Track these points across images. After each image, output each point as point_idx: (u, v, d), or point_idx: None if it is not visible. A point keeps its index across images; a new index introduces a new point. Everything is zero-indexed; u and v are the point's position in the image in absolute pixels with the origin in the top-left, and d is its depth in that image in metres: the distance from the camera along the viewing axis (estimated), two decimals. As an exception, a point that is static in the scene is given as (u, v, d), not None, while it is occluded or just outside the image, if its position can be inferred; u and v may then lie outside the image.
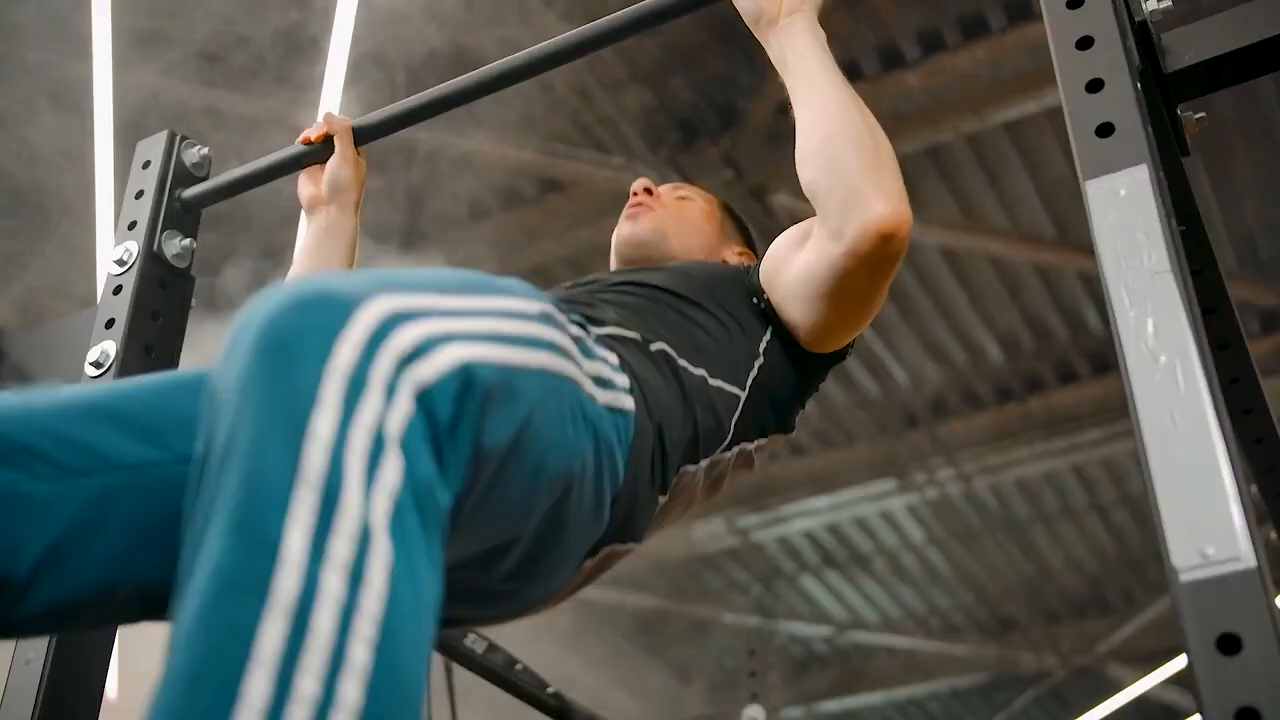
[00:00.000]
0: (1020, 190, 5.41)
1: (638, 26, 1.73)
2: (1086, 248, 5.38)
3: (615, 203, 5.58)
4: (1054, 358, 6.33)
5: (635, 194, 1.97)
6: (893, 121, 5.04)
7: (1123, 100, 1.16)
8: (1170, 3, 1.39)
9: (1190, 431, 0.98)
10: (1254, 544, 0.93)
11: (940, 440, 6.69)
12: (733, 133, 5.17)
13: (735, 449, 1.56)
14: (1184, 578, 0.93)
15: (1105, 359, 6.27)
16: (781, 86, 1.61)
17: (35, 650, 1.49)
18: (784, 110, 1.63)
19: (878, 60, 4.92)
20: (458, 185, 4.92)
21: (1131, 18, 1.32)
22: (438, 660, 2.92)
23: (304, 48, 4.10)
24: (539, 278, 5.76)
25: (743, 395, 1.55)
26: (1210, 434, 0.98)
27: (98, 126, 3.67)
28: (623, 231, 1.92)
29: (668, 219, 1.91)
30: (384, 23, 4.02)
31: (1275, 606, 0.92)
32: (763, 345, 1.60)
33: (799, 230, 1.63)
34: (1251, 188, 5.23)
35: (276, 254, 4.19)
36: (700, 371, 1.50)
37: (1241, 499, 0.95)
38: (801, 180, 1.53)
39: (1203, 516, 0.95)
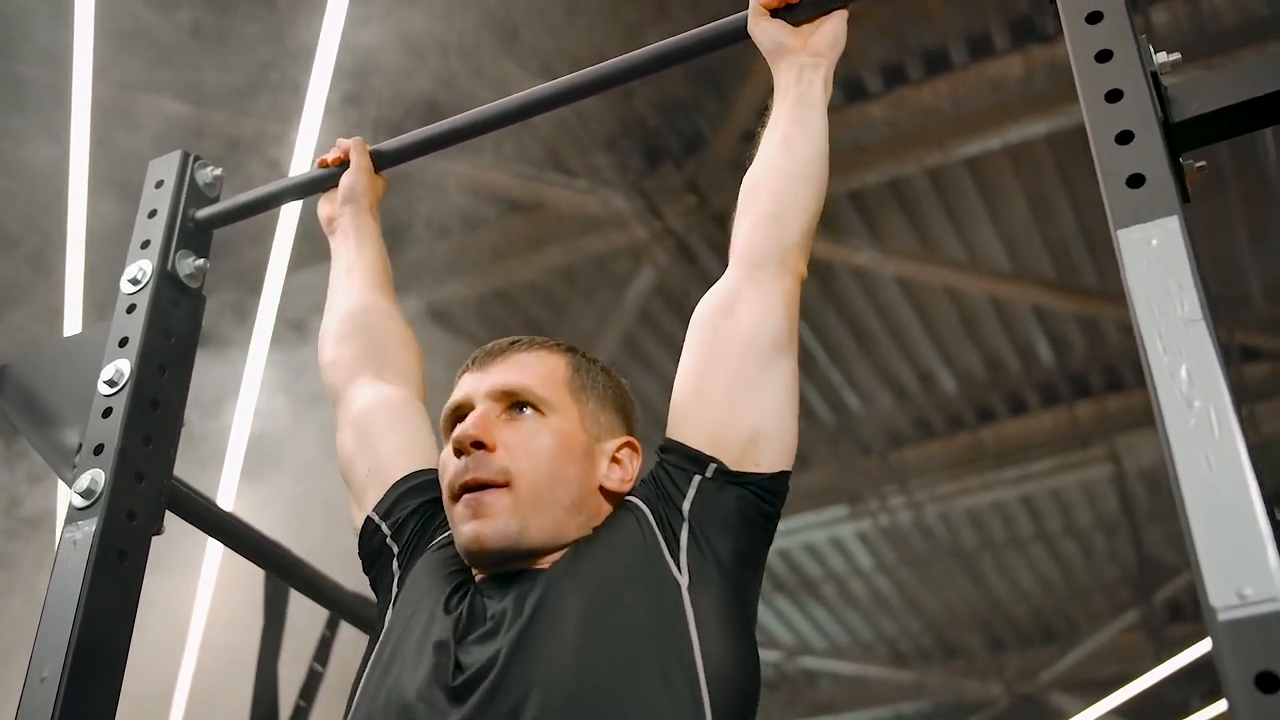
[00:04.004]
0: (978, 224, 5.49)
1: (661, 63, 1.77)
2: (1041, 282, 5.42)
3: (580, 226, 5.57)
4: (1006, 389, 6.42)
5: (464, 451, 1.45)
6: (855, 153, 5.10)
7: (1153, 152, 1.20)
8: (1179, 55, 1.43)
9: (1226, 475, 1.02)
10: (1289, 584, 0.97)
11: (893, 468, 6.76)
12: (697, 159, 5.21)
13: None
14: (1222, 617, 0.97)
15: (1055, 391, 6.38)
16: (745, 116, 1.68)
17: (51, 667, 1.49)
18: (748, 138, 1.68)
19: (841, 91, 4.97)
20: (423, 206, 4.91)
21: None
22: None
23: (284, 87, 4.10)
24: (503, 301, 5.79)
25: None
26: (1245, 477, 1.01)
27: (73, 157, 3.64)
28: (465, 534, 1.43)
29: (521, 492, 1.43)
30: (365, 63, 4.04)
31: (1310, 645, 0.96)
32: (684, 588, 1.39)
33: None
34: (1198, 231, 5.32)
35: (256, 287, 4.18)
36: None
37: (1277, 540, 0.98)
38: (747, 189, 1.61)
39: (1240, 558, 0.98)
